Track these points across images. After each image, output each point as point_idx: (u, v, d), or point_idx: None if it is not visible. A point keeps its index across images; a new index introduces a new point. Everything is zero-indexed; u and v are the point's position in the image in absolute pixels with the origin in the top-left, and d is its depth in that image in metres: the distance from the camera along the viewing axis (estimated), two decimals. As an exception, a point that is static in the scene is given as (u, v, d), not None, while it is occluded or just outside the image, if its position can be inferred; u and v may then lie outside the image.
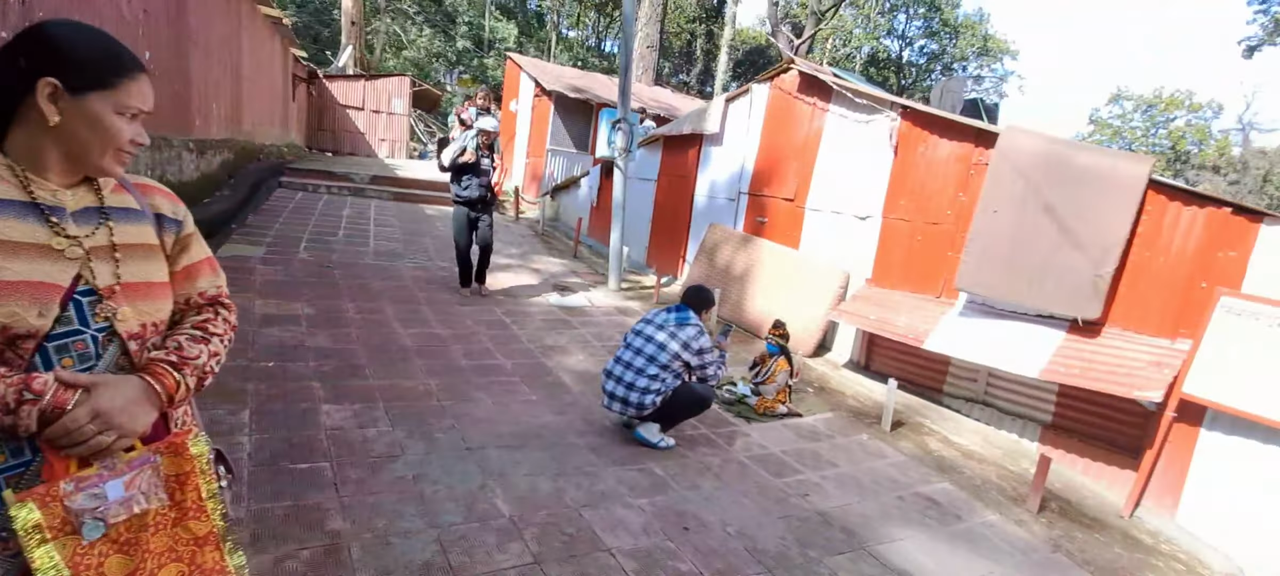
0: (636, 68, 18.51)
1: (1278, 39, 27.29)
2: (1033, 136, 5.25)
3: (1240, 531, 4.28)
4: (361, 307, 5.76)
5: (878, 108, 6.36)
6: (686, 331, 3.98)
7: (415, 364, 4.73)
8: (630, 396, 3.91)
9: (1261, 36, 27.65)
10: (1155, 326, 4.71)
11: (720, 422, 4.75)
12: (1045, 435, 5.28)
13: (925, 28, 44.59)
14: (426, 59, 35.43)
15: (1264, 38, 27.65)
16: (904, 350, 6.07)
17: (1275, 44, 27.56)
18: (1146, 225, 4.74)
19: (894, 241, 6.30)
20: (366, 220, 9.24)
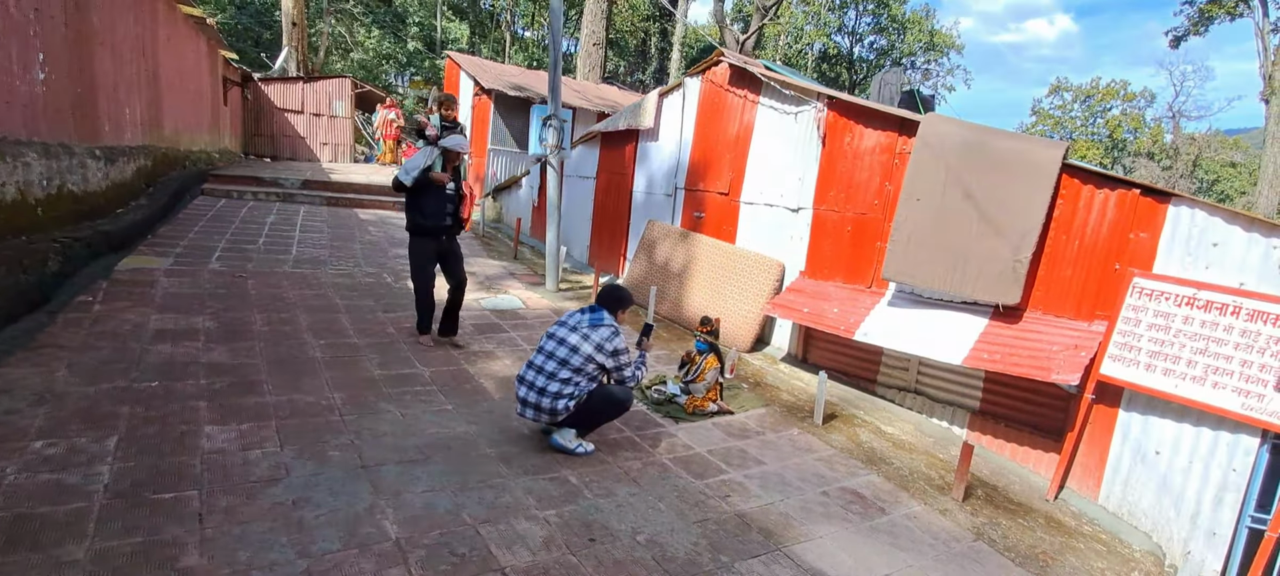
0: (584, 65, 18.28)
1: (1203, 30, 28.64)
2: (952, 123, 5.25)
3: (1158, 510, 4.33)
4: (271, 319, 5.44)
5: (805, 99, 6.31)
6: (600, 332, 3.83)
7: (321, 377, 4.46)
8: (542, 401, 3.74)
9: (1187, 27, 28.99)
10: (1073, 309, 4.75)
11: (647, 424, 4.61)
12: (974, 422, 5.30)
13: (874, 23, 45.48)
14: (375, 61, 34.56)
15: (1189, 28, 29.00)
16: (838, 342, 6.04)
17: (1201, 34, 28.90)
18: (1062, 209, 4.78)
19: (825, 233, 6.26)
20: (292, 227, 8.83)
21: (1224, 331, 4.00)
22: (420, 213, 5.11)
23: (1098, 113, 41.41)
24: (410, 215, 5.15)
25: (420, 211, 5.11)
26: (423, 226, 5.16)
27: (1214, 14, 27.63)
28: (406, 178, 5.02)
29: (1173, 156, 37.54)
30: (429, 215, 5.12)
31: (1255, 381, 3.88)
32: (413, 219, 5.15)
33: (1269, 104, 21.73)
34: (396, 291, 6.80)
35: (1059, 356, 4.48)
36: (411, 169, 5.02)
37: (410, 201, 5.11)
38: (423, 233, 5.18)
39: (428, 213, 5.12)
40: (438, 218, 5.16)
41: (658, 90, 7.98)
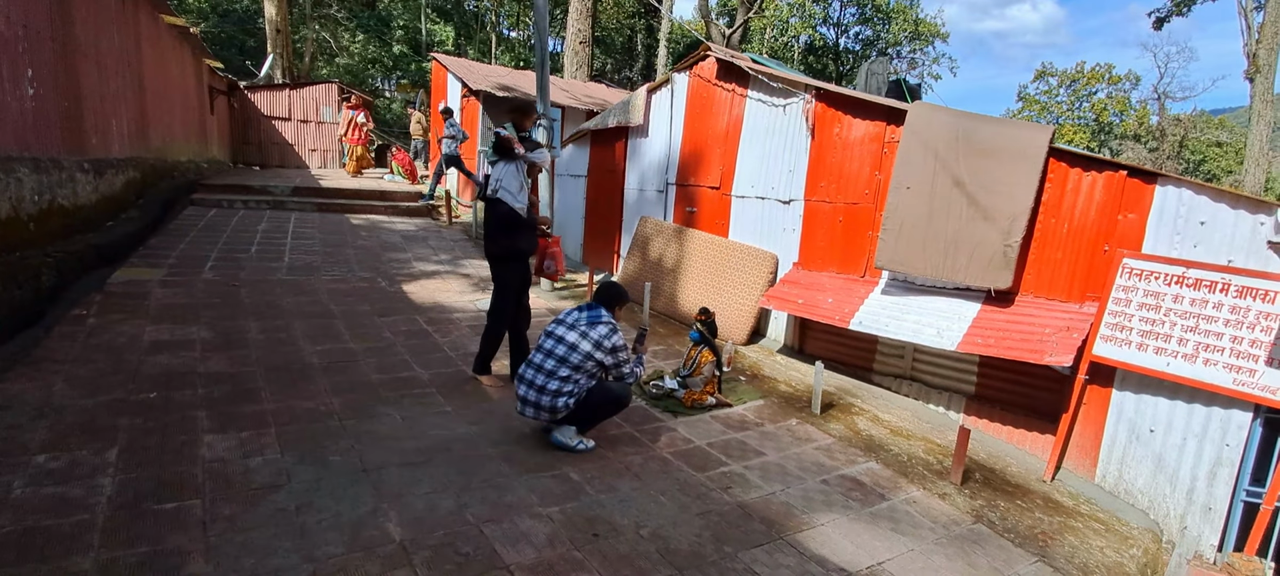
0: (571, 64, 18.26)
1: (1185, 10, 28.85)
2: (940, 112, 5.29)
3: (1154, 487, 4.39)
4: (267, 327, 5.42)
5: (793, 91, 6.34)
6: (598, 330, 3.84)
7: (319, 383, 4.45)
8: (543, 400, 3.75)
9: (1170, 7, 29.20)
10: (1064, 292, 4.80)
11: (646, 419, 4.63)
12: (970, 406, 5.35)
13: (859, 14, 45.58)
14: (361, 65, 34.40)
15: (1172, 8, 29.22)
16: (834, 331, 6.08)
17: (1183, 15, 29.11)
18: (1050, 193, 4.82)
19: (817, 223, 6.29)
20: (284, 234, 8.80)
21: (1214, 309, 4.05)
22: (531, 241, 4.79)
23: (1083, 97, 41.68)
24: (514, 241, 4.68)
25: (531, 240, 4.79)
26: (527, 250, 4.80)
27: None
28: (520, 203, 4.65)
29: (1159, 138, 37.82)
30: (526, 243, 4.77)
31: (1246, 357, 3.94)
32: (515, 244, 4.69)
33: (1253, 82, 21.92)
34: (391, 296, 6.79)
35: (1051, 338, 4.53)
36: (519, 194, 4.65)
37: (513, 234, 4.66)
38: (523, 256, 4.79)
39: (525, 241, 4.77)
40: (528, 243, 4.82)
41: (646, 86, 8.00)
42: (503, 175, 4.63)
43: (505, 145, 4.62)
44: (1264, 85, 21.52)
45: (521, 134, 4.79)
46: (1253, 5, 23.81)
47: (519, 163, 4.68)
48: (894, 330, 5.24)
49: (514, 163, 4.66)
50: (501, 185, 4.61)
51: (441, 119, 11.67)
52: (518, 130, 4.79)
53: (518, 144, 4.67)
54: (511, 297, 4.76)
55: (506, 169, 4.64)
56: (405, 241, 9.33)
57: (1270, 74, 21.48)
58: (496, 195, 4.61)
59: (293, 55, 24.66)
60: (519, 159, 4.68)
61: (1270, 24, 21.54)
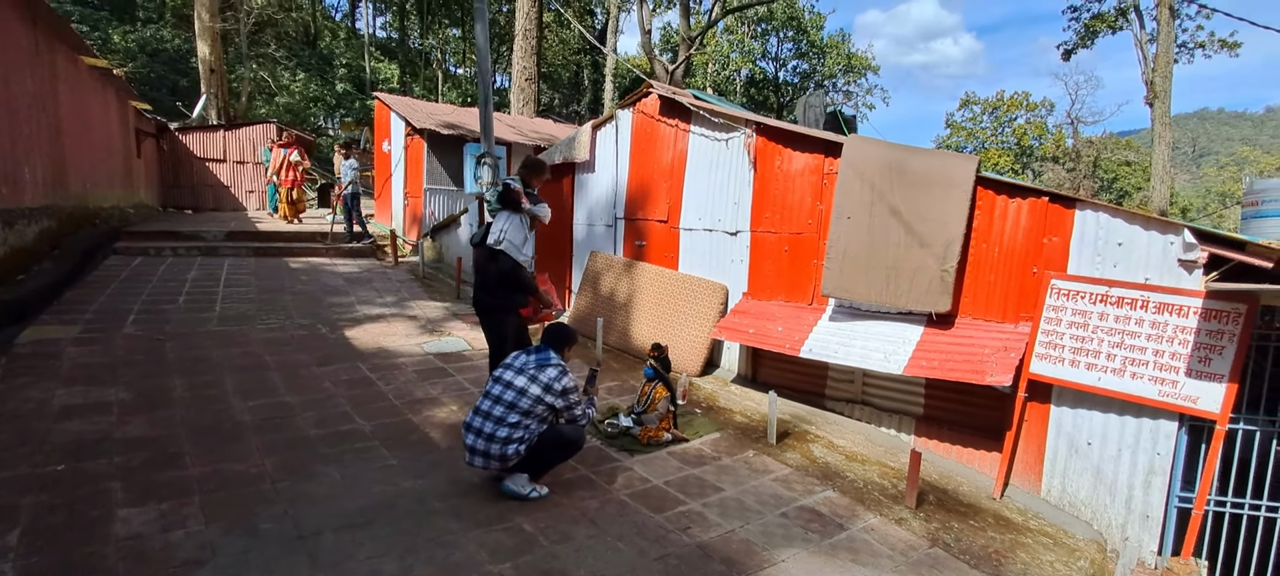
0: (517, 100, 18.26)
1: (1089, 43, 31.17)
2: (874, 144, 5.48)
3: (1096, 498, 4.54)
4: (194, 383, 5.10)
5: (734, 125, 6.48)
6: (548, 373, 3.75)
7: (250, 442, 4.19)
8: (492, 448, 3.62)
9: (1075, 40, 31.52)
10: (1000, 313, 4.98)
11: (602, 460, 4.53)
12: (919, 428, 5.45)
13: (795, 49, 47.50)
14: (302, 104, 33.61)
15: (1077, 41, 31.54)
16: (785, 359, 6.13)
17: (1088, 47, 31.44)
18: (980, 219, 5.03)
19: (764, 254, 6.39)
20: (216, 282, 8.37)
21: (1136, 324, 4.27)
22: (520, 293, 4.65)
23: (1005, 122, 44.22)
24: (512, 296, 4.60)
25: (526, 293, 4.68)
26: (521, 303, 4.68)
27: (1098, 28, 30.18)
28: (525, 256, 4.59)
29: (1075, 159, 40.40)
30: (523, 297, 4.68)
31: (1168, 369, 4.15)
32: (512, 299, 4.61)
33: (1153, 107, 23.81)
34: (332, 343, 6.52)
35: (991, 359, 4.68)
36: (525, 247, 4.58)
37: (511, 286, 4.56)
38: (516, 308, 4.68)
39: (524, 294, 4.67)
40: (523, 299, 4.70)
41: (591, 123, 8.03)
42: (507, 227, 4.50)
43: (512, 198, 4.54)
44: (1162, 109, 23.43)
45: (528, 189, 4.69)
46: (1147, 38, 25.98)
47: (523, 216, 4.59)
48: (843, 356, 5.32)
49: (518, 215, 4.56)
50: (506, 237, 4.47)
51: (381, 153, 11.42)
52: (525, 186, 4.69)
53: (525, 198, 4.58)
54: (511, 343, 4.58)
55: (511, 221, 4.52)
56: (348, 284, 9.02)
57: (1166, 99, 23.42)
58: (500, 247, 4.47)
59: (228, 95, 23.96)
60: (523, 212, 4.58)
61: (1162, 54, 23.56)
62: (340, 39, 39.31)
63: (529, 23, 17.74)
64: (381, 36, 42.59)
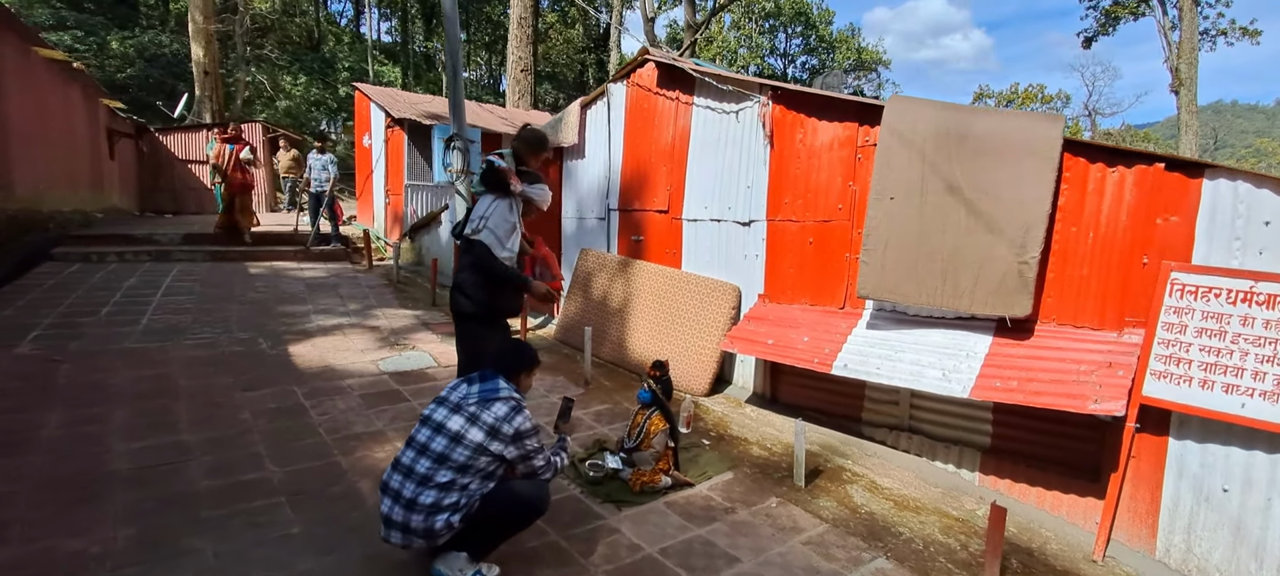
0: (512, 92, 17.27)
1: (1111, 29, 29.88)
2: (924, 105, 4.38)
3: (1235, 564, 3.41)
4: (74, 418, 4.08)
5: (746, 93, 5.39)
6: (495, 410, 2.69)
7: (110, 504, 3.15)
8: (412, 520, 2.56)
9: (1095, 27, 30.23)
10: (1095, 317, 3.87)
11: (579, 517, 3.46)
12: (986, 463, 4.34)
13: (804, 44, 46.35)
14: (304, 108, 32.89)
15: (1098, 28, 30.24)
16: (812, 376, 5.04)
17: (1110, 33, 30.14)
18: (1068, 195, 3.93)
19: (784, 247, 5.30)
20: (155, 290, 7.36)
21: (1303, 331, 3.15)
22: (511, 299, 3.64)
23: (1022, 116, 42.82)
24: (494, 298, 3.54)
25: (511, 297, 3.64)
26: (509, 311, 3.69)
27: (1120, 14, 28.90)
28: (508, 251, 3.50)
29: (1096, 152, 38.97)
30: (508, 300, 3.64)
31: (1352, 393, 3.02)
32: (496, 302, 3.56)
33: (1178, 95, 22.57)
34: (269, 362, 5.48)
35: (1092, 379, 3.56)
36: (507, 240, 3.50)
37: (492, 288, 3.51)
38: (502, 318, 3.68)
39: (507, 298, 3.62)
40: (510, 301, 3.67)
41: (579, 101, 6.98)
42: (490, 212, 3.49)
43: (498, 178, 3.50)
44: (1188, 97, 22.24)
45: (522, 168, 3.65)
46: (1169, 24, 24.76)
47: (512, 200, 3.54)
48: (888, 374, 4.22)
49: (506, 200, 3.53)
50: (486, 224, 3.46)
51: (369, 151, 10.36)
52: (520, 163, 3.66)
53: (515, 178, 3.51)
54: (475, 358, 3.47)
55: (496, 205, 3.51)
56: (309, 291, 7.99)
57: (1192, 87, 22.21)
58: (478, 237, 3.45)
59: (224, 98, 23.28)
60: (513, 196, 3.54)
61: (1187, 40, 22.33)
62: (344, 43, 38.63)
63: (525, 11, 16.71)
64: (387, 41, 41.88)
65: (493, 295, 3.53)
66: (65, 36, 22.57)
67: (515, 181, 3.51)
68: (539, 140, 3.80)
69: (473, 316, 3.55)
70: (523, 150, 3.70)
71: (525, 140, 3.73)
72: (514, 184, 3.51)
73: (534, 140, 3.76)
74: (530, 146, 3.73)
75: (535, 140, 3.77)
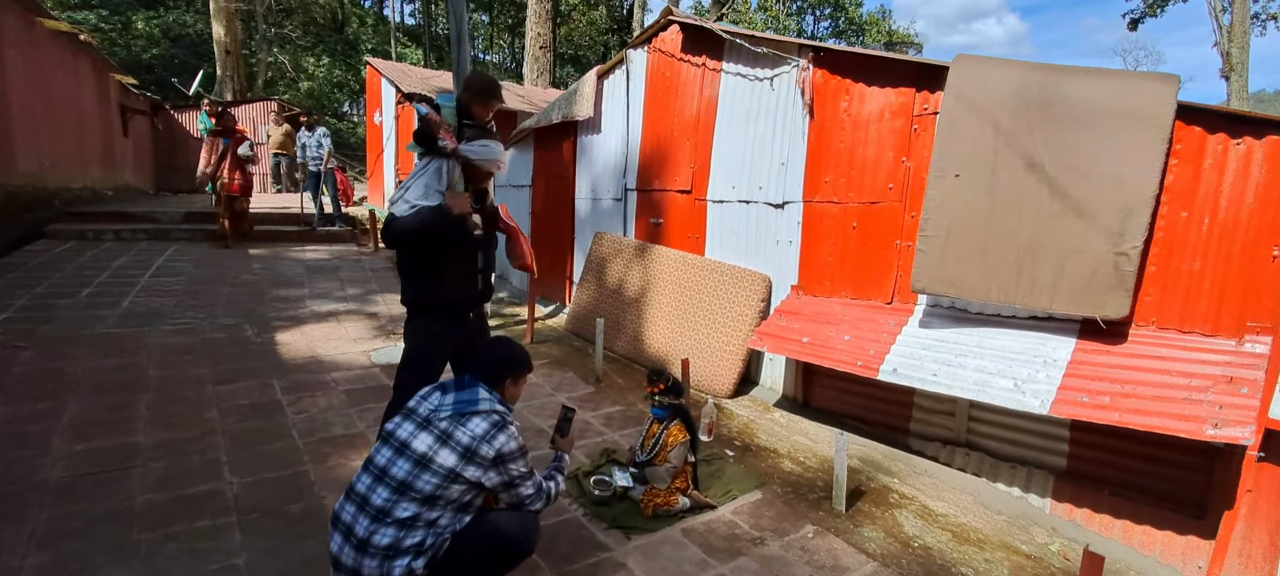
0: (531, 70, 16.70)
1: (1159, 11, 28.29)
2: (998, 66, 3.71)
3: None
4: (17, 413, 3.63)
5: (783, 56, 4.74)
6: (471, 427, 2.14)
7: (29, 520, 2.68)
8: (366, 565, 2.03)
9: (1143, 8, 28.65)
10: (1209, 321, 3.20)
11: (580, 548, 2.92)
12: (1060, 487, 3.70)
13: (832, 27, 45.03)
14: (327, 89, 32.78)
15: (1145, 9, 28.65)
16: (852, 379, 4.42)
17: (1157, 15, 28.56)
18: (1178, 173, 3.25)
19: (822, 232, 4.67)
20: (143, 271, 6.96)
21: None
22: (437, 278, 2.84)
23: (1062, 101, 41.21)
24: (417, 284, 2.88)
25: (437, 276, 2.83)
26: (444, 301, 2.89)
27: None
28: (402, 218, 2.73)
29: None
30: (453, 281, 2.87)
31: None
32: (423, 290, 2.88)
33: (1229, 81, 21.29)
34: (251, 351, 5.01)
35: (1207, 397, 2.91)
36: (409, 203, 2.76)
37: (415, 261, 2.85)
38: (444, 312, 2.91)
39: (451, 277, 2.86)
40: (469, 283, 2.94)
41: (595, 70, 6.38)
42: (415, 183, 2.83)
43: (425, 132, 2.82)
44: (1239, 83, 20.99)
45: (466, 122, 2.97)
46: (1220, 6, 23.30)
47: (444, 164, 2.82)
48: (947, 382, 3.59)
49: (436, 163, 2.83)
50: (403, 195, 2.82)
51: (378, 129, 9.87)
52: (466, 116, 2.99)
53: (447, 131, 2.83)
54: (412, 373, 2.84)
55: (425, 172, 2.83)
56: (308, 274, 7.54)
57: (1244, 72, 20.94)
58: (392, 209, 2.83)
59: (245, 78, 23.19)
60: (444, 157, 2.82)
61: (1238, 23, 20.99)
62: (367, 25, 38.41)
63: (544, -15, 16.11)
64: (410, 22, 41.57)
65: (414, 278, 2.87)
66: (91, 15, 22.52)
67: (446, 137, 2.81)
68: (488, 87, 3.09)
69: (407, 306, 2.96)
70: (468, 100, 3.03)
71: (470, 87, 3.07)
72: (444, 140, 2.79)
73: (481, 86, 3.07)
74: (477, 94, 3.04)
75: (483, 86, 3.07)
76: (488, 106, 3.06)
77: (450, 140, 2.83)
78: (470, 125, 2.98)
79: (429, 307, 2.90)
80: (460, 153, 2.84)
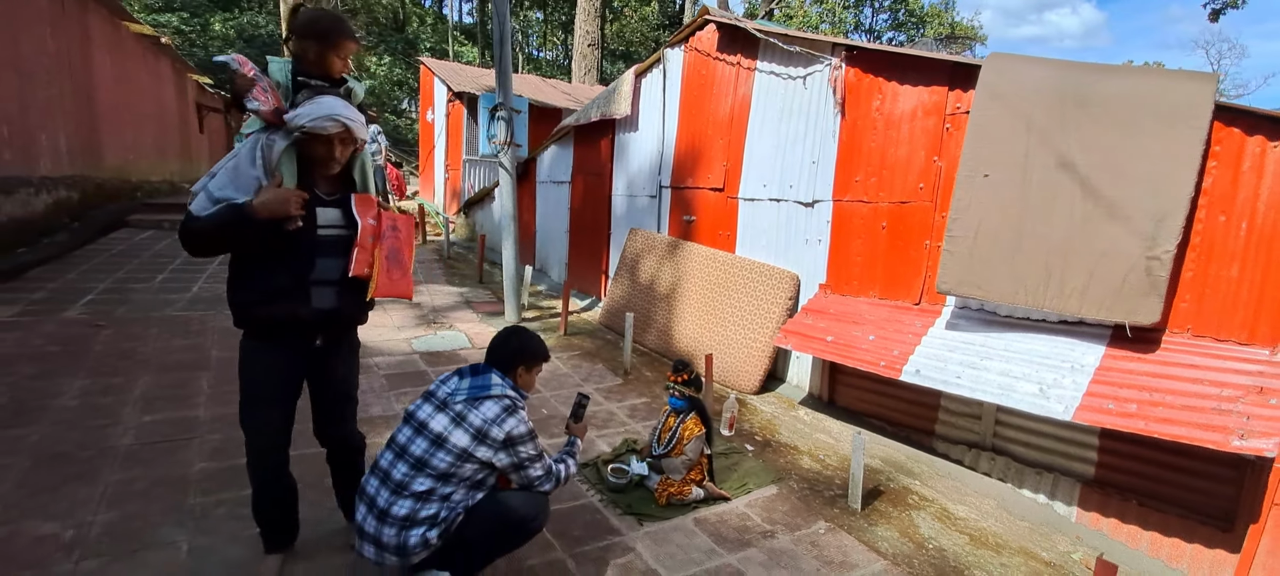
0: (579, 68, 16.93)
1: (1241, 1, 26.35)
2: (1033, 64, 3.63)
3: None
4: (93, 387, 4.01)
5: (816, 55, 4.74)
6: (484, 410, 2.29)
7: (101, 482, 2.99)
8: (385, 534, 2.20)
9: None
10: (1244, 328, 3.08)
11: (593, 531, 3.04)
12: (1087, 495, 3.62)
13: (891, 20, 43.76)
14: (387, 87, 34.07)
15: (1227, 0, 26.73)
16: (877, 380, 4.41)
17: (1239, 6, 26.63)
18: (1218, 175, 3.13)
19: (852, 231, 4.66)
20: (212, 259, 7.47)
21: None
22: (248, 286, 2.21)
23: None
24: (234, 295, 2.26)
25: (248, 283, 2.21)
26: (265, 321, 2.25)
27: (1260, -20, 25.43)
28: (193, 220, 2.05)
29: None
30: (271, 290, 2.18)
31: None
32: (240, 303, 2.25)
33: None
34: (303, 334, 5.35)
35: (1236, 407, 2.81)
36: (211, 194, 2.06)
37: (233, 266, 2.26)
38: (264, 335, 2.29)
39: (266, 285, 2.18)
40: (291, 297, 2.21)
41: (634, 69, 6.49)
42: (222, 164, 2.12)
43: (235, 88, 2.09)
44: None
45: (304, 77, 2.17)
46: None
47: (262, 137, 2.09)
48: (970, 384, 3.56)
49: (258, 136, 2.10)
50: (206, 185, 2.09)
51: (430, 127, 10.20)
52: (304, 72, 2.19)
53: (261, 89, 2.05)
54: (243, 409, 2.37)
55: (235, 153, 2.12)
56: (359, 264, 7.93)
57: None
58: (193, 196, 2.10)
59: (309, 75, 24.30)
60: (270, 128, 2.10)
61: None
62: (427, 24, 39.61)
63: (593, -16, 16.31)
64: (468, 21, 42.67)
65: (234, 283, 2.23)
66: (172, 17, 24.07)
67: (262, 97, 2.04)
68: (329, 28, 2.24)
69: None
70: (299, 46, 2.20)
71: (296, 29, 2.23)
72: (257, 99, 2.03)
73: (316, 26, 2.23)
74: (314, 37, 2.20)
75: (322, 28, 2.23)
76: (331, 52, 2.23)
77: (268, 101, 2.04)
78: (312, 83, 2.16)
79: (248, 327, 2.29)
80: (286, 119, 2.06)
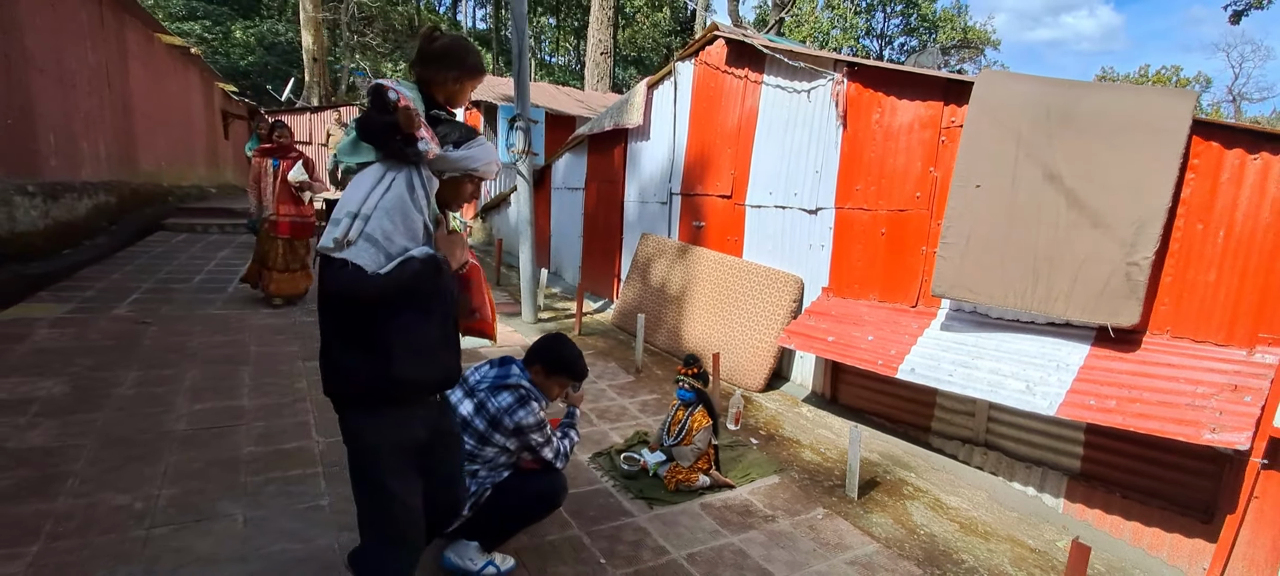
0: (592, 76, 17.26)
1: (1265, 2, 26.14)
2: (1021, 81, 3.86)
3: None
4: (147, 378, 4.34)
5: (820, 70, 4.99)
6: (500, 400, 2.55)
7: (162, 463, 3.29)
8: (422, 506, 2.47)
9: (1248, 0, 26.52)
10: (1220, 330, 3.28)
11: (606, 512, 3.30)
12: (1073, 488, 3.82)
13: (903, 25, 43.75)
14: (408, 93, 34.65)
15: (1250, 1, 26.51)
16: (876, 378, 4.64)
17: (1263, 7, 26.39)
18: (1194, 186, 3.33)
19: (853, 237, 4.89)
20: (243, 261, 7.83)
21: None
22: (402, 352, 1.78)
23: (1153, 101, 38.60)
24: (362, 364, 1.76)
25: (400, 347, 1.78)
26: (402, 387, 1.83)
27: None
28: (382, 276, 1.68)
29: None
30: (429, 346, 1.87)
31: None
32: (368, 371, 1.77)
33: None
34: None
35: (1210, 404, 3.02)
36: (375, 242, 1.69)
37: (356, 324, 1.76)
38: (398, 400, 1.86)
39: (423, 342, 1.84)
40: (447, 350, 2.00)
41: (646, 81, 6.77)
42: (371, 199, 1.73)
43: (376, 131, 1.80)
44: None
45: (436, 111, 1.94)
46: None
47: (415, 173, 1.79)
48: (961, 382, 3.78)
49: (405, 171, 1.78)
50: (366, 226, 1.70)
51: None
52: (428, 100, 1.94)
53: (422, 125, 1.75)
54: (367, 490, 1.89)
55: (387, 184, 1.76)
56: (383, 267, 8.27)
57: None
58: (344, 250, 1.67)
59: (330, 83, 24.90)
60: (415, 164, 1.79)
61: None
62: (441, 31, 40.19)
63: (607, -8, 16.63)
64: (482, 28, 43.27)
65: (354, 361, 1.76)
66: (195, 25, 24.74)
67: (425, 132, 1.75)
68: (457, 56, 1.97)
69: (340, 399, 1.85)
70: (435, 75, 1.95)
71: (436, 56, 1.95)
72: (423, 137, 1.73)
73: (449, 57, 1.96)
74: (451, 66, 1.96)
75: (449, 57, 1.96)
76: (471, 86, 2.03)
77: (429, 137, 1.76)
78: (440, 117, 1.93)
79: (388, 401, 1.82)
80: (449, 159, 1.83)
